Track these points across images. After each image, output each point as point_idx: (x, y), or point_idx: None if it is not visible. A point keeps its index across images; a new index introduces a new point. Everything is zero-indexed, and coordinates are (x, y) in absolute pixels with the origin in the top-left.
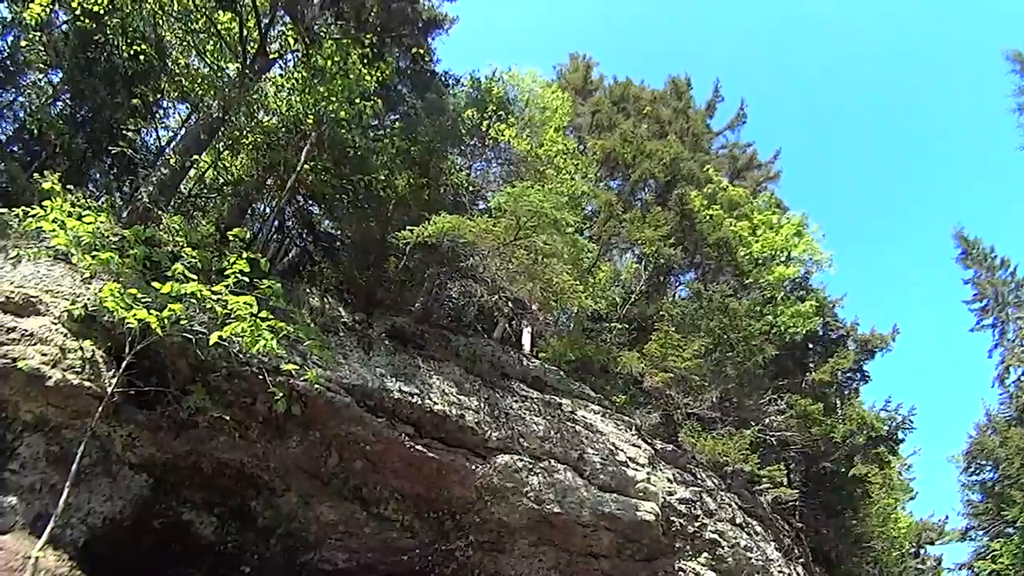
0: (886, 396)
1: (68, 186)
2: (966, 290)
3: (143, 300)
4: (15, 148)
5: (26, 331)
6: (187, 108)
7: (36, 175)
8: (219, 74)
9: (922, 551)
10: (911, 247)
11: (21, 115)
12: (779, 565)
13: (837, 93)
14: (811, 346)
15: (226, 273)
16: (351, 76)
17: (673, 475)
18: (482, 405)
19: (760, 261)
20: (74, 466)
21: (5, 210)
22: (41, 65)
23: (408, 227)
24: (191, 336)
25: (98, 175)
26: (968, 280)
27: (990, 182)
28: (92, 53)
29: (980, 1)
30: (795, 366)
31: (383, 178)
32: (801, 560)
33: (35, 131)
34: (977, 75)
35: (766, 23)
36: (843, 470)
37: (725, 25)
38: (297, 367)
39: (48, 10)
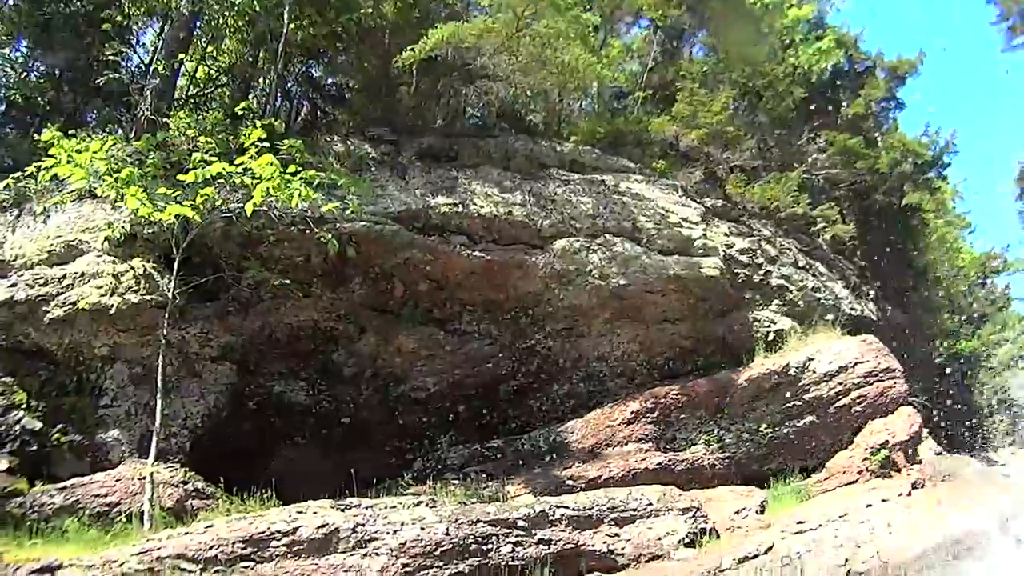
0: (924, 123)
1: (69, 132)
2: (990, 11)
3: (174, 195)
4: (10, 126)
5: (76, 272)
6: (158, 22)
7: (36, 136)
8: None
9: (988, 281)
10: None
11: (2, 94)
12: (850, 302)
13: None
14: (839, 82)
15: (246, 146)
16: None
17: (728, 228)
18: (527, 198)
19: (770, 5)
20: (159, 379)
21: (18, 174)
22: (3, 38)
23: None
24: (231, 215)
25: (95, 112)
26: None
27: None
28: (47, 8)
29: None
30: (826, 104)
31: (370, 10)
32: (871, 295)
33: (19, 100)
34: None
35: None
36: (895, 201)
37: None
38: (338, 206)
39: None
